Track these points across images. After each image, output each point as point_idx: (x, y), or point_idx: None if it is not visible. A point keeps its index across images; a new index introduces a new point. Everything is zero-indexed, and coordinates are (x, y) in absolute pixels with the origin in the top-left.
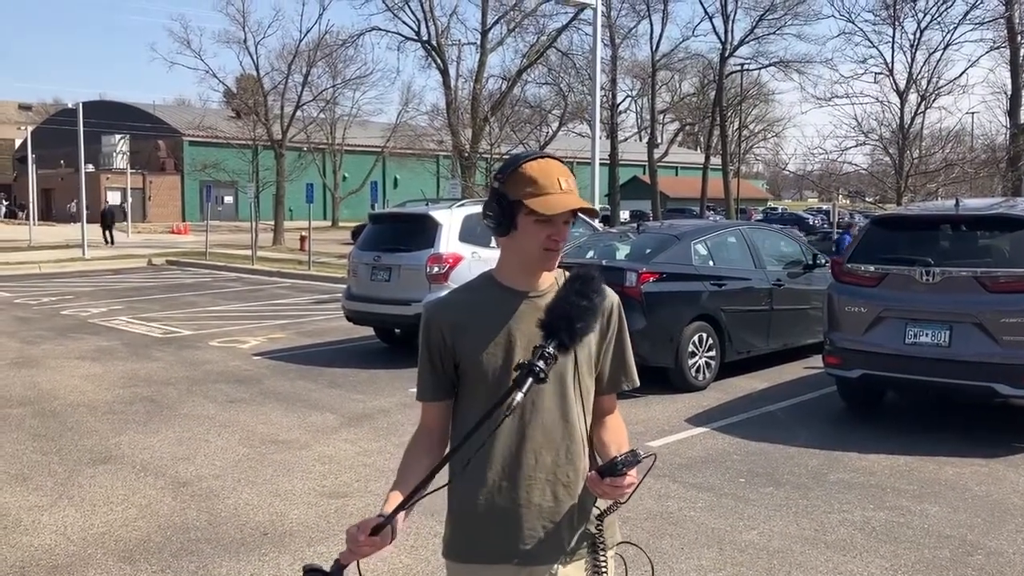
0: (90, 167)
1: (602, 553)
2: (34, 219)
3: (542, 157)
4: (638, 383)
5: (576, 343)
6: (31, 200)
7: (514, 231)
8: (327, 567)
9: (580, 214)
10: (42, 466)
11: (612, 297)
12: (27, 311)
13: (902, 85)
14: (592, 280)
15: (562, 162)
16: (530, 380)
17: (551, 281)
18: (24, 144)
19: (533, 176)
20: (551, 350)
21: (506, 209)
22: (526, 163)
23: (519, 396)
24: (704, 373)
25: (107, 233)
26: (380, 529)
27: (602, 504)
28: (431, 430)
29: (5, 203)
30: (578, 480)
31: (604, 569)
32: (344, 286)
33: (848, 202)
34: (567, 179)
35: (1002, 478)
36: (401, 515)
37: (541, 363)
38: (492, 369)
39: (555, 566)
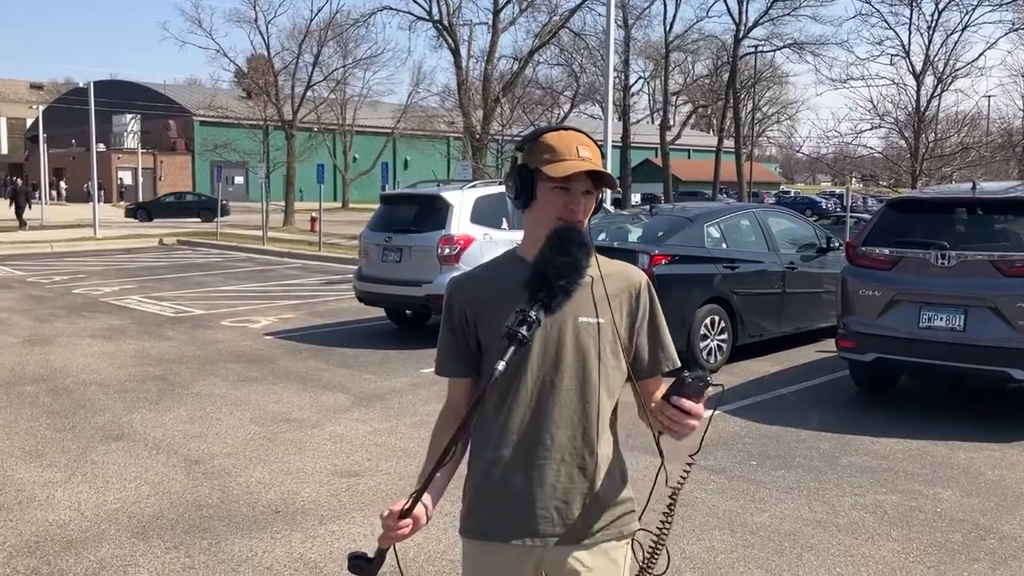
0: (101, 146)
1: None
2: (45, 199)
3: (565, 129)
4: (679, 363)
5: (559, 301)
6: (42, 179)
7: (534, 201)
8: (370, 553)
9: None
10: (56, 443)
11: (640, 276)
12: (40, 290)
13: (919, 67)
14: (571, 234)
15: (591, 138)
16: (512, 348)
17: None
18: (35, 123)
19: (551, 144)
20: (533, 313)
21: (524, 178)
22: (547, 133)
23: (500, 365)
24: (716, 356)
25: (20, 216)
26: (409, 512)
27: (666, 489)
28: (458, 407)
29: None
30: (595, 464)
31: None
32: (355, 267)
33: (862, 186)
34: (587, 148)
35: (1015, 462)
36: (428, 497)
37: (523, 329)
38: None
39: (570, 548)
